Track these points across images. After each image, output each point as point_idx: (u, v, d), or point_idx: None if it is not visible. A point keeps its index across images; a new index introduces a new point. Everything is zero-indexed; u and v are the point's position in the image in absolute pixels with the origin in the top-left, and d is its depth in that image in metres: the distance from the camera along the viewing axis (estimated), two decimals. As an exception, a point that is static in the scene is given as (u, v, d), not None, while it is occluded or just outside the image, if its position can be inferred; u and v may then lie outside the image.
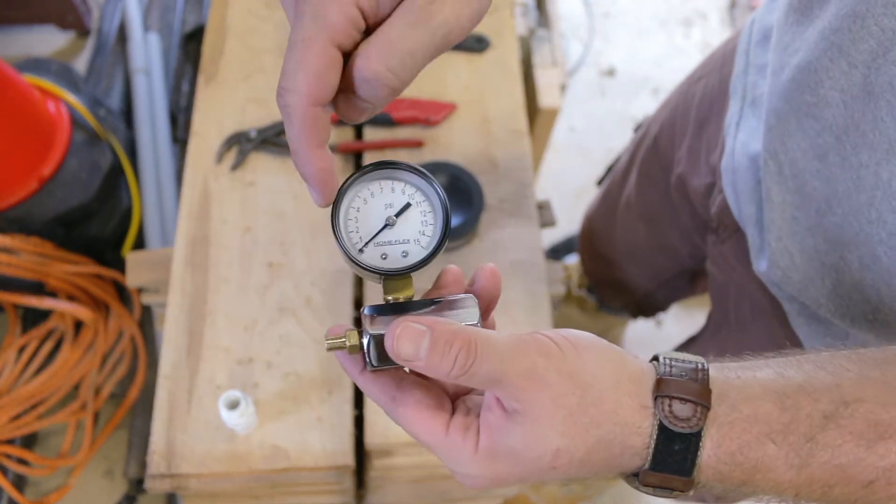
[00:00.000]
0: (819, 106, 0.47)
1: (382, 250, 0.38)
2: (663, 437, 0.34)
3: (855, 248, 0.47)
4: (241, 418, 0.71)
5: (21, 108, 1.10)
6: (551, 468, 0.35)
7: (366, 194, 0.38)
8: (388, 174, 0.38)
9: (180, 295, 0.81)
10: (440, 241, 0.38)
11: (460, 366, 0.33)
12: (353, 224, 0.38)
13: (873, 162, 0.43)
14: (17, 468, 1.17)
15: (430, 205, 0.39)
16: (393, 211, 0.38)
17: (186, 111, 1.47)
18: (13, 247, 1.15)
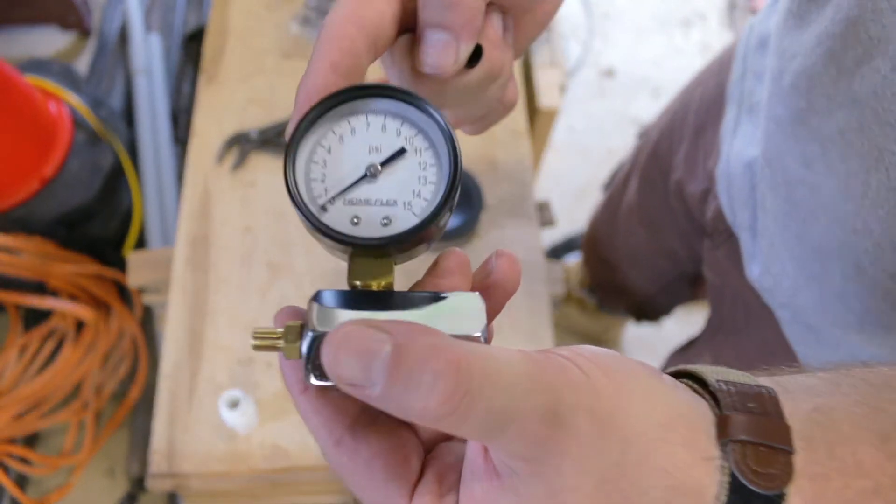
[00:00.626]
0: (808, 112, 0.46)
1: (355, 211, 0.27)
2: (738, 498, 0.24)
3: (837, 259, 0.46)
4: (242, 418, 0.71)
5: (23, 109, 1.10)
6: None
7: (343, 129, 0.27)
8: (380, 106, 0.28)
9: (181, 295, 0.82)
10: (440, 206, 0.26)
11: (441, 402, 0.20)
12: (318, 170, 0.27)
13: (862, 170, 0.42)
14: (19, 467, 1.18)
15: (433, 154, 0.27)
16: (379, 157, 0.27)
17: (187, 112, 1.47)
18: (15, 247, 1.16)
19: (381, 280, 0.27)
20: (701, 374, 0.26)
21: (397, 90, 0.27)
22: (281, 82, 0.96)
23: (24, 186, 1.13)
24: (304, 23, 0.99)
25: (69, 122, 1.20)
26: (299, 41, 0.99)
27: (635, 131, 1.73)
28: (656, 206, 0.88)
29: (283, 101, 0.94)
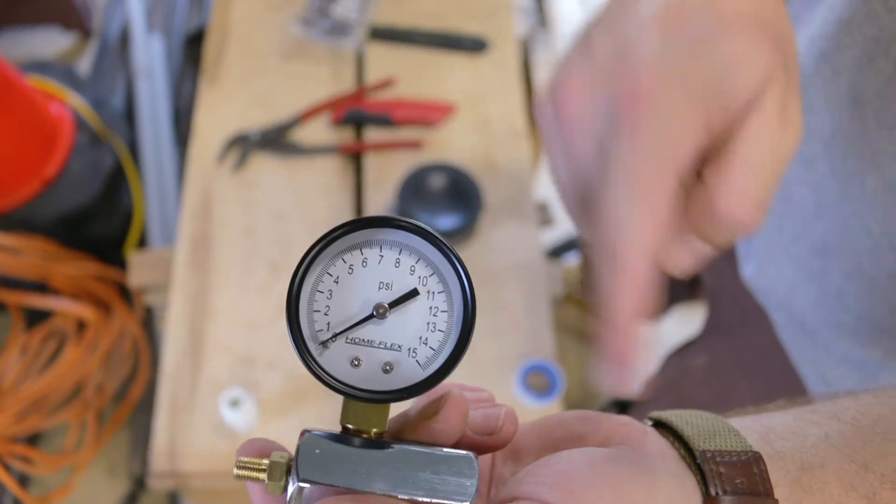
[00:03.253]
0: (807, 113, 0.46)
1: (357, 352, 0.25)
2: None
3: (838, 258, 0.46)
4: (243, 417, 0.72)
5: (25, 110, 1.11)
6: None
7: (355, 260, 0.26)
8: (396, 238, 0.25)
9: (182, 294, 0.82)
10: (450, 359, 0.25)
11: None
12: (322, 301, 0.25)
13: (859, 171, 0.42)
14: (21, 466, 1.18)
15: (446, 299, 0.25)
16: (389, 295, 0.25)
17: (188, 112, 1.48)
18: (17, 247, 1.16)
19: (373, 427, 0.26)
20: (686, 437, 0.26)
21: (416, 224, 0.25)
22: (282, 83, 0.96)
23: (25, 187, 1.14)
24: (305, 24, 1.00)
25: (71, 122, 1.20)
26: (300, 42, 0.99)
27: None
28: None
29: (283, 101, 0.94)
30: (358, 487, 0.24)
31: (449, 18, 1.01)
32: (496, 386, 0.78)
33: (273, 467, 0.26)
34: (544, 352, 0.80)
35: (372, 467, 0.24)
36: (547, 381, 0.78)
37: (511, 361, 0.79)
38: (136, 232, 1.30)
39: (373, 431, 0.25)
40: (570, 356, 1.45)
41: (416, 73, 0.97)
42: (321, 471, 0.24)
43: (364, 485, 0.24)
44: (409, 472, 0.24)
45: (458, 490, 0.24)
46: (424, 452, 0.24)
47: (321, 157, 0.91)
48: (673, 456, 0.26)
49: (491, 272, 0.84)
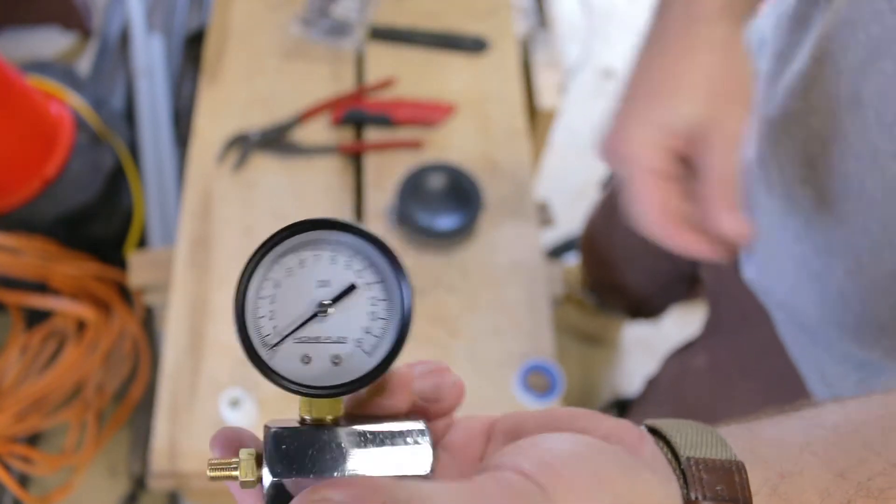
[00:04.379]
0: (807, 112, 0.46)
1: (305, 350, 0.26)
2: None
3: (840, 256, 0.47)
4: (243, 417, 0.72)
5: (24, 110, 1.11)
6: None
7: (292, 262, 0.27)
8: (326, 237, 0.27)
9: (182, 295, 0.82)
10: (393, 347, 0.27)
11: None
12: (265, 306, 0.27)
13: (858, 171, 0.42)
14: (21, 466, 1.18)
15: (383, 289, 0.27)
16: (329, 292, 0.26)
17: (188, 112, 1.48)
18: (16, 247, 1.16)
19: (329, 413, 0.27)
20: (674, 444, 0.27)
21: (340, 221, 0.26)
22: (282, 83, 0.96)
23: (25, 187, 1.14)
24: (305, 24, 1.00)
25: (71, 122, 1.20)
26: (300, 42, 0.99)
27: (635, 131, 1.73)
28: None
29: (283, 101, 0.94)
30: (327, 474, 0.25)
31: (449, 18, 1.01)
32: (496, 386, 0.78)
33: (244, 465, 0.26)
34: (544, 352, 0.80)
35: (336, 453, 0.25)
36: (547, 381, 0.78)
37: (511, 361, 0.79)
38: (135, 232, 1.30)
39: (328, 419, 0.27)
40: (570, 356, 1.45)
41: (416, 73, 0.97)
42: (290, 465, 0.25)
43: (332, 470, 0.25)
44: (370, 450, 0.26)
45: (416, 459, 0.25)
46: (379, 430, 0.26)
47: (321, 157, 0.91)
48: (662, 460, 0.27)
49: (491, 272, 0.84)
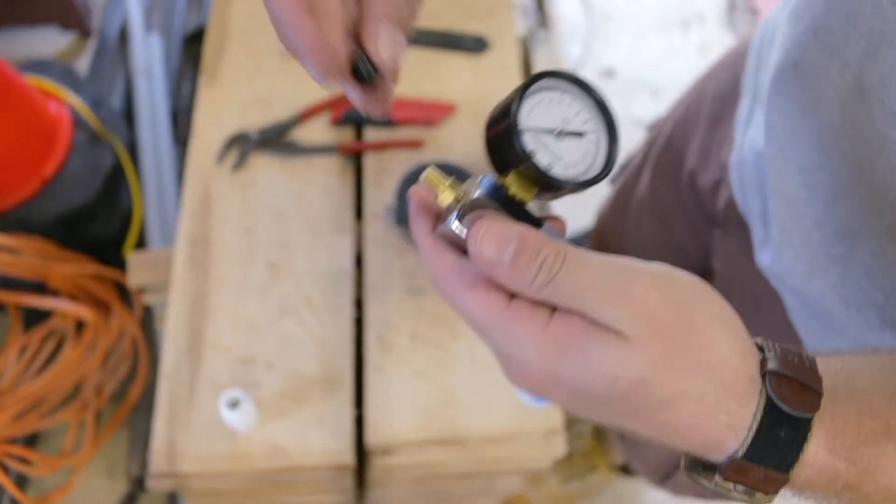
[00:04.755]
0: (818, 103, 0.48)
1: (535, 145, 0.33)
2: (770, 418, 0.29)
3: (864, 238, 0.47)
4: (242, 418, 0.71)
5: (23, 109, 1.11)
6: (621, 398, 0.29)
7: (556, 96, 0.34)
8: (585, 96, 0.35)
9: (181, 295, 0.82)
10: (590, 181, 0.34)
11: (546, 272, 0.29)
12: (528, 105, 0.34)
13: (869, 157, 0.44)
14: (19, 467, 1.18)
15: (596, 149, 0.34)
16: (567, 128, 0.34)
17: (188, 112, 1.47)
18: (15, 247, 1.16)
19: (525, 194, 0.33)
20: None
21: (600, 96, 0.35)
22: (281, 83, 0.96)
23: (24, 186, 1.13)
24: (305, 23, 0.99)
25: (69, 122, 1.20)
26: (299, 41, 0.99)
27: (636, 131, 1.73)
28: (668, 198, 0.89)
29: (283, 101, 0.94)
30: None
31: (449, 18, 1.01)
32: (496, 387, 0.78)
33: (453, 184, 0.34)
34: (545, 352, 0.80)
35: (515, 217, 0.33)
36: (547, 382, 0.78)
37: (511, 362, 0.79)
38: (134, 232, 1.30)
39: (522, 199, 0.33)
40: (570, 357, 1.45)
41: (417, 73, 0.97)
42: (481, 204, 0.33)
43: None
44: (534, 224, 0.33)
45: None
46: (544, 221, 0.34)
47: (321, 157, 0.91)
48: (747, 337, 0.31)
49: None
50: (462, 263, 0.32)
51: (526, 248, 0.29)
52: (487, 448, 0.76)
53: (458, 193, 0.33)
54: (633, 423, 0.31)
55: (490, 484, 0.88)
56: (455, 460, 0.77)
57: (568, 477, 1.27)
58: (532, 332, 0.30)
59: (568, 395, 0.31)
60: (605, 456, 1.23)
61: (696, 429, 0.29)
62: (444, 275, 0.32)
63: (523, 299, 0.30)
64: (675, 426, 0.29)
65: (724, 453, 0.30)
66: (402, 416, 0.76)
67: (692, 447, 0.30)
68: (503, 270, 0.29)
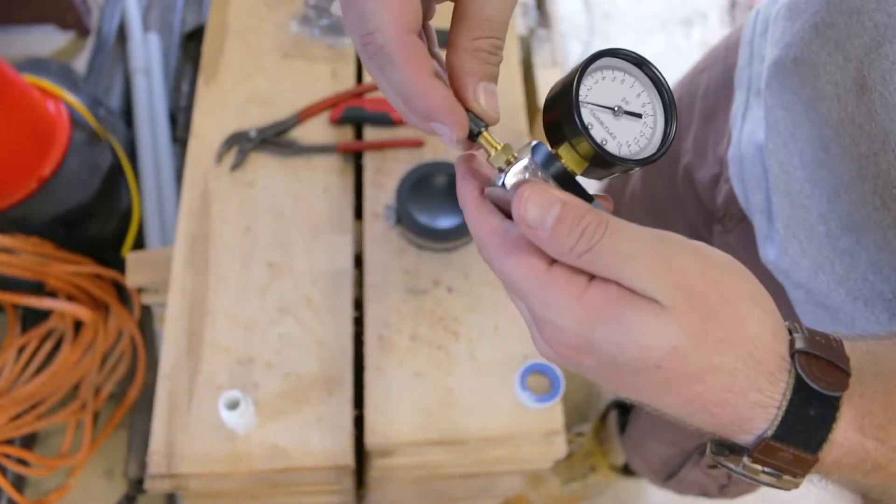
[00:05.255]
0: (818, 99, 0.48)
1: (591, 120, 0.34)
2: (800, 396, 0.29)
3: (869, 232, 0.47)
4: (241, 418, 0.71)
5: (21, 108, 1.10)
6: (654, 368, 0.29)
7: (617, 75, 0.35)
8: (645, 77, 0.36)
9: (180, 295, 0.81)
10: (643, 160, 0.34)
11: (587, 239, 0.29)
12: (588, 82, 0.34)
13: (871, 153, 0.43)
14: (16, 468, 1.17)
15: (652, 132, 0.35)
16: (626, 107, 0.35)
17: (186, 111, 1.47)
18: (13, 247, 1.15)
19: (576, 165, 0.34)
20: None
21: (662, 79, 0.36)
22: (281, 81, 0.95)
23: (22, 186, 1.13)
24: (304, 22, 0.99)
25: (67, 121, 1.19)
26: (299, 40, 0.99)
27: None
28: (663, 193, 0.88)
29: (282, 100, 0.94)
30: None
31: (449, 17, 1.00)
32: (497, 386, 0.77)
33: (505, 149, 0.35)
34: (546, 352, 0.79)
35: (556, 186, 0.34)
36: (547, 383, 0.77)
37: (511, 362, 0.79)
38: (133, 231, 1.30)
39: (572, 170, 0.34)
40: (570, 357, 1.44)
41: (416, 72, 0.96)
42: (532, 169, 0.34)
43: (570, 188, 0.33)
44: None
45: None
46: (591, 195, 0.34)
47: (320, 157, 0.91)
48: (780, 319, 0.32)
49: (491, 272, 0.84)
50: (506, 226, 0.32)
51: (569, 213, 0.29)
52: (487, 449, 0.76)
53: (510, 156, 0.34)
54: (662, 397, 0.31)
55: (490, 484, 0.87)
56: (455, 461, 0.77)
57: (568, 478, 1.27)
58: (569, 298, 0.30)
59: (598, 364, 0.31)
60: (605, 457, 1.23)
61: (726, 405, 0.29)
62: (487, 237, 0.33)
63: (563, 265, 0.30)
64: (704, 401, 0.30)
65: (753, 433, 0.30)
66: (401, 416, 0.76)
67: (720, 426, 0.30)
68: (545, 234, 0.30)
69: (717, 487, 0.86)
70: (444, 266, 0.84)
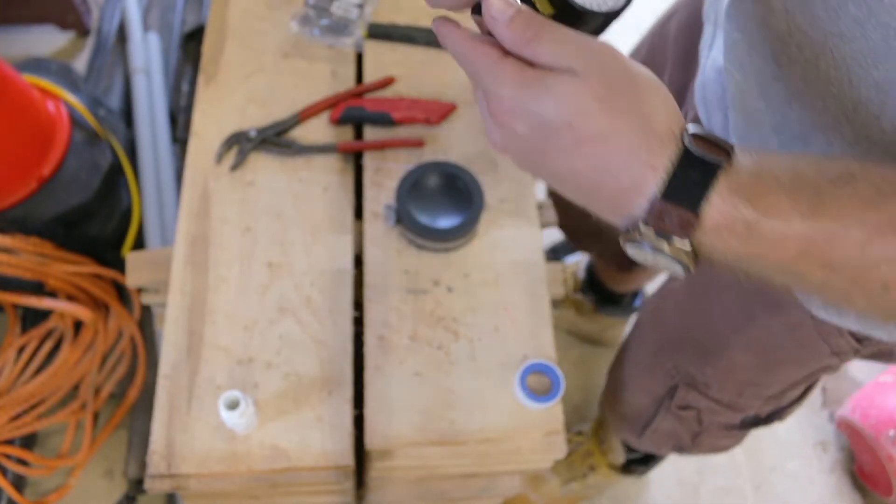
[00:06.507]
0: (768, 15, 0.50)
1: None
2: (684, 160, 0.36)
3: (814, 137, 0.49)
4: (241, 418, 0.71)
5: (20, 108, 1.10)
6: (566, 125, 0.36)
7: None
8: None
9: (180, 295, 0.81)
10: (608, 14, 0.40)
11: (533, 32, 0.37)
12: None
13: (814, 56, 0.45)
14: (16, 468, 1.17)
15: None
16: None
17: (186, 111, 1.47)
18: (13, 247, 1.15)
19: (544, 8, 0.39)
20: None
21: None
22: (281, 82, 0.95)
23: (21, 186, 1.13)
24: (304, 22, 0.99)
25: (67, 121, 1.19)
26: (299, 40, 0.99)
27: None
28: None
29: (282, 100, 0.94)
30: None
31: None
32: (497, 386, 0.77)
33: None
34: (544, 352, 0.79)
35: None
36: (547, 383, 0.77)
37: (511, 361, 0.79)
38: (133, 231, 1.30)
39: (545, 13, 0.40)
40: (570, 356, 1.44)
41: (417, 72, 0.96)
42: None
43: None
44: None
45: None
46: None
47: (320, 156, 0.91)
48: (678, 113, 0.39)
49: (491, 272, 0.84)
50: (479, 38, 0.40)
51: (522, 14, 0.38)
52: (487, 449, 0.76)
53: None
54: (574, 161, 0.37)
55: (490, 485, 0.87)
56: (455, 461, 0.77)
57: (568, 478, 1.27)
58: (511, 72, 0.38)
59: (528, 129, 0.38)
60: (604, 456, 1.23)
61: (624, 167, 0.36)
62: (466, 45, 0.40)
63: (513, 56, 0.38)
64: (608, 163, 0.36)
65: (645, 195, 0.36)
66: (401, 416, 0.76)
67: (621, 191, 0.37)
68: (502, 28, 0.37)
69: (690, 436, 0.86)
70: (444, 266, 0.84)
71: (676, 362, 0.80)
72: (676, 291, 0.80)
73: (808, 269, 0.36)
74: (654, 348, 0.85)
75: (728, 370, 0.74)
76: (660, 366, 0.82)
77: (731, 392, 0.77)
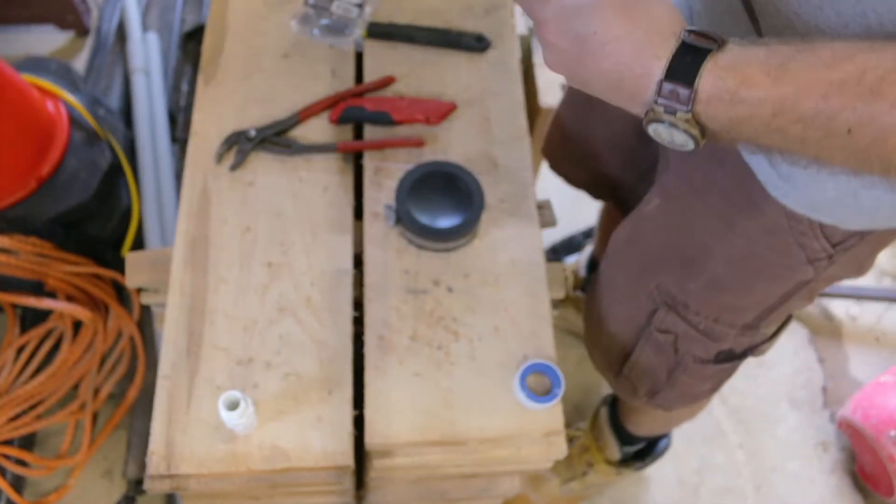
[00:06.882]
0: None
1: None
2: (682, 49, 0.45)
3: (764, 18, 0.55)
4: (241, 419, 0.71)
5: (20, 108, 1.10)
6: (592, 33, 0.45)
7: None
8: None
9: (179, 295, 0.81)
10: None
11: None
12: None
13: None
14: (15, 469, 1.17)
15: None
16: None
17: (186, 111, 1.47)
18: (12, 247, 1.15)
19: None
20: None
21: None
22: (280, 81, 0.95)
23: (21, 186, 1.13)
24: (304, 21, 0.99)
25: (67, 121, 1.19)
26: (299, 40, 0.98)
27: (635, 131, 1.73)
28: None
29: (282, 100, 0.94)
30: None
31: (449, 16, 1.00)
32: (496, 386, 0.77)
33: None
34: (544, 352, 0.79)
35: None
36: (547, 383, 0.77)
37: (511, 361, 0.79)
38: (132, 231, 1.30)
39: None
40: (570, 356, 1.44)
41: (417, 72, 0.96)
42: None
43: None
44: None
45: None
46: None
47: (320, 156, 0.90)
48: None
49: (491, 272, 0.84)
50: None
51: None
52: (487, 449, 0.76)
53: None
54: (601, 61, 0.46)
55: (490, 485, 0.87)
56: (455, 461, 0.77)
57: (568, 477, 1.27)
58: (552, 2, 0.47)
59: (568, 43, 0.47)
60: (600, 452, 1.23)
61: (637, 60, 0.45)
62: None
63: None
64: (626, 57, 0.46)
65: (653, 80, 0.46)
66: (401, 416, 0.76)
67: (636, 79, 0.46)
68: None
69: (666, 372, 0.86)
70: (444, 266, 0.84)
71: (659, 281, 0.80)
72: (653, 216, 0.81)
73: (785, 125, 0.43)
74: (636, 272, 0.84)
75: (708, 285, 0.75)
76: (643, 288, 0.82)
77: (707, 316, 0.78)
